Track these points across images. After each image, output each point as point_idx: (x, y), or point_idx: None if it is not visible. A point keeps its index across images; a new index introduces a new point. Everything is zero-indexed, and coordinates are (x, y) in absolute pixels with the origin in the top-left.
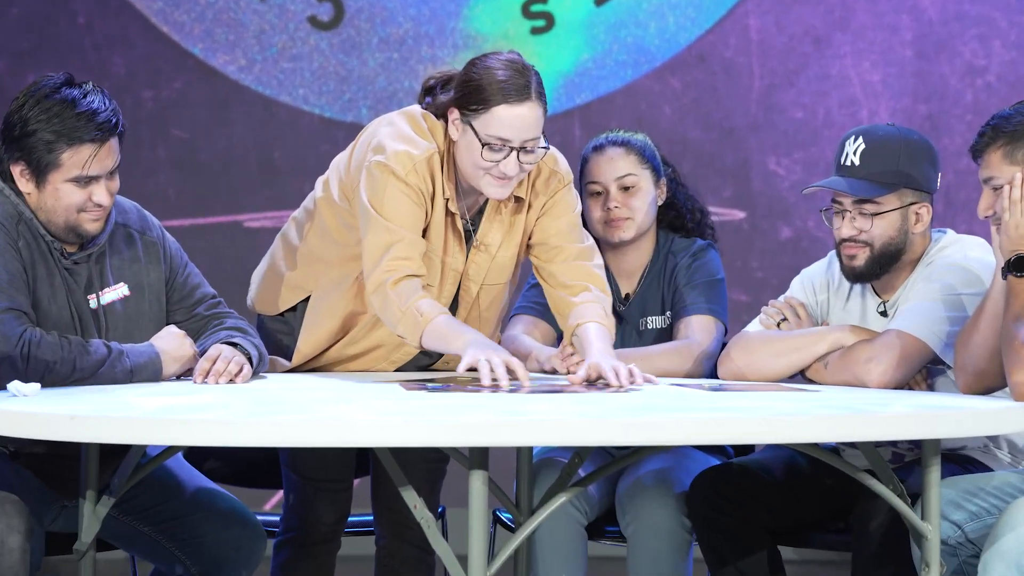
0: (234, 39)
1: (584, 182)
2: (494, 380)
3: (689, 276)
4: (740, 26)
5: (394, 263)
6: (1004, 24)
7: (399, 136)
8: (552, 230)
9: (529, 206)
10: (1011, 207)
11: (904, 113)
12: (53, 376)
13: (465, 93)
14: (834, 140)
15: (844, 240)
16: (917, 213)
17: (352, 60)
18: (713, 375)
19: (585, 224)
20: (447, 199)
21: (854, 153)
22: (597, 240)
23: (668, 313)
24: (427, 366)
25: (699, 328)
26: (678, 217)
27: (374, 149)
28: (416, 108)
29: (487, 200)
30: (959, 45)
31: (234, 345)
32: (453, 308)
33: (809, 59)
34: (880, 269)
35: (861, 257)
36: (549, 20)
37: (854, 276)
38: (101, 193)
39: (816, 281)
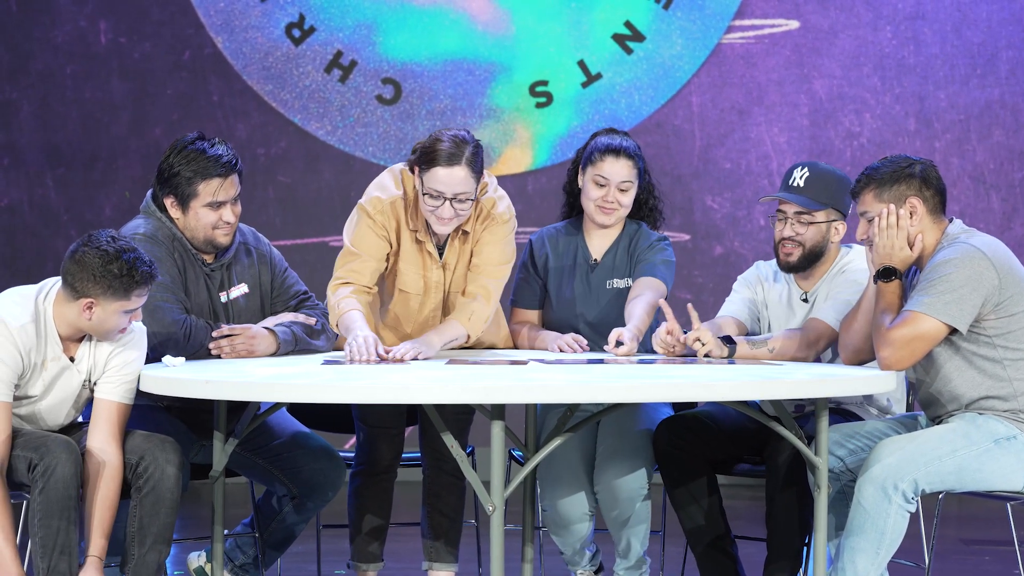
0: (322, 111)
1: (593, 172)
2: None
3: (651, 254)
4: (685, 102)
5: (343, 272)
6: (873, 102)
7: (378, 185)
8: (477, 250)
9: (472, 237)
10: (880, 233)
11: None
12: (201, 349)
13: (419, 156)
14: (753, 184)
15: (784, 239)
16: (836, 228)
17: (407, 126)
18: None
19: (577, 199)
20: (415, 231)
21: (800, 178)
22: (588, 215)
23: (629, 279)
24: (464, 346)
25: (650, 285)
26: (640, 209)
27: (364, 195)
28: (399, 166)
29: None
30: (841, 117)
31: (270, 330)
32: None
33: (735, 126)
34: (807, 264)
35: (796, 254)
36: (549, 97)
37: (788, 268)
38: (228, 214)
39: (752, 281)
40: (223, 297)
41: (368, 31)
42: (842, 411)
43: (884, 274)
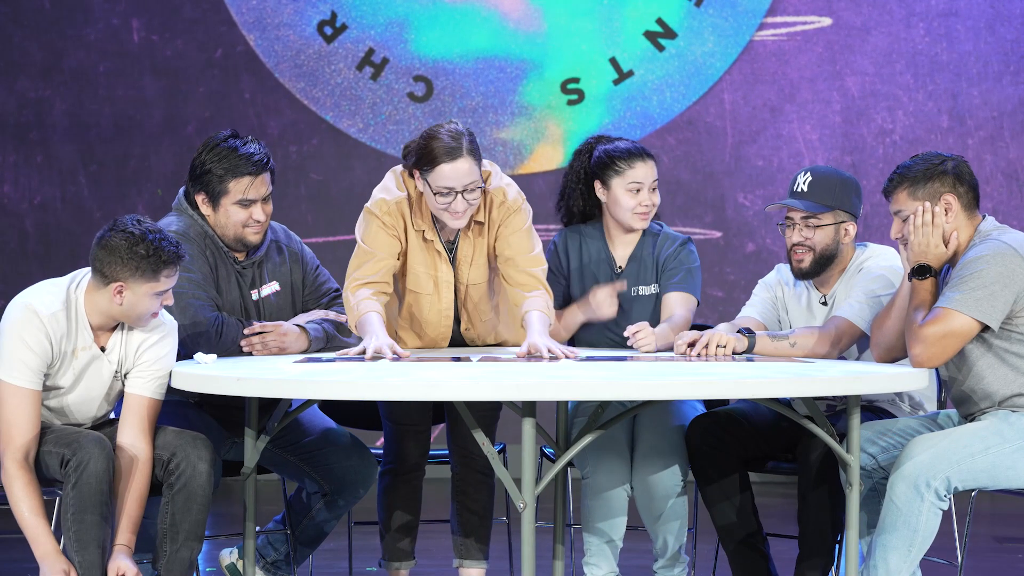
0: (354, 109)
1: (625, 181)
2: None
3: (676, 263)
4: (717, 99)
5: (360, 273)
6: (905, 99)
7: (383, 188)
8: (504, 243)
9: (488, 228)
10: (914, 231)
11: (834, 163)
12: (233, 346)
13: (418, 158)
14: (785, 181)
15: (794, 245)
16: (846, 229)
17: None
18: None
19: (606, 208)
20: (422, 231)
21: (804, 183)
22: (621, 223)
23: (656, 284)
24: (490, 343)
25: (681, 302)
26: None
27: (370, 198)
28: (398, 168)
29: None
30: (873, 114)
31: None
32: (455, 301)
33: (767, 123)
34: (819, 268)
35: (807, 260)
36: (580, 95)
37: (801, 274)
38: (258, 212)
39: (772, 283)
40: (254, 295)
41: (400, 29)
42: (874, 408)
43: (919, 272)
